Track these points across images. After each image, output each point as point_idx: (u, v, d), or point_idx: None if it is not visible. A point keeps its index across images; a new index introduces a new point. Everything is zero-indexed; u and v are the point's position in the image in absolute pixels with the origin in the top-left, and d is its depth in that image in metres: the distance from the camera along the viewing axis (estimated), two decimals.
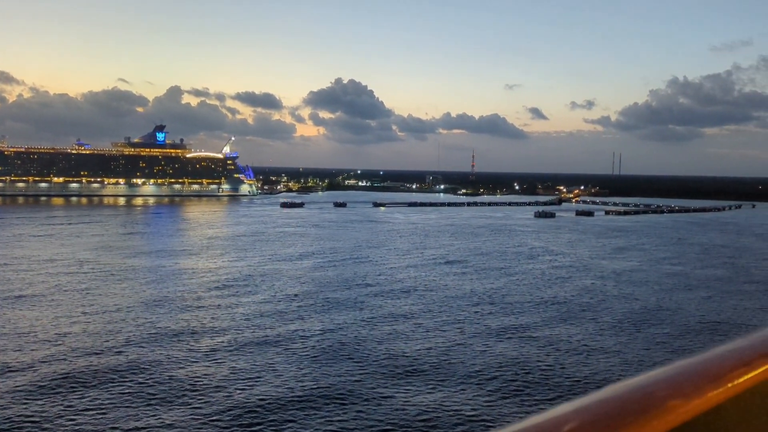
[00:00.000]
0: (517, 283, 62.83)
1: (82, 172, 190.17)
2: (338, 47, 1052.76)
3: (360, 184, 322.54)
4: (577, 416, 1.22)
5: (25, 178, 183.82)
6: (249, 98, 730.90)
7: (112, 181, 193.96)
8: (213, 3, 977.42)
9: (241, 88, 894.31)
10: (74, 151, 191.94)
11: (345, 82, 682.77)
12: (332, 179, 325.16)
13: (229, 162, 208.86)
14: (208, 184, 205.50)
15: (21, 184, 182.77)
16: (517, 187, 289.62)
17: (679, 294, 58.74)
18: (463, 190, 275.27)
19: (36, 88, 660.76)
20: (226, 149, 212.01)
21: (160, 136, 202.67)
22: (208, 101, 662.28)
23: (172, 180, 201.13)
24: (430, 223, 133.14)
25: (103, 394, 30.45)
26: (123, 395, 30.35)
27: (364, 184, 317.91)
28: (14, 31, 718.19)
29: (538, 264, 76.46)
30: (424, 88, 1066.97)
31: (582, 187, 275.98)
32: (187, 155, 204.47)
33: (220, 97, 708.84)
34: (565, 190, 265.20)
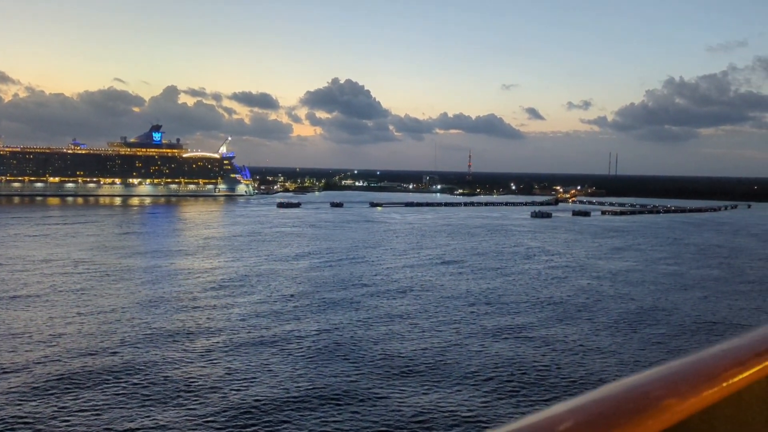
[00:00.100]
0: (513, 283, 62.82)
1: (78, 172, 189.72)
2: (335, 47, 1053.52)
3: (357, 184, 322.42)
4: (573, 416, 1.23)
5: (20, 178, 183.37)
6: (246, 98, 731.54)
7: (108, 181, 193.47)
8: (210, 3, 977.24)
9: (237, 88, 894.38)
10: (70, 151, 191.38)
11: (342, 82, 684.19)
12: (329, 179, 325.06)
13: (225, 162, 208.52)
14: (205, 184, 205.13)
15: (16, 184, 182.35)
16: (513, 187, 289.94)
17: (675, 294, 58.82)
18: (460, 190, 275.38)
19: (32, 88, 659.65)
20: (223, 149, 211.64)
21: (157, 136, 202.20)
22: (204, 101, 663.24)
23: (169, 180, 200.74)
24: (427, 223, 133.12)
25: (98, 395, 30.32)
26: (118, 396, 30.23)
27: (361, 184, 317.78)
28: (10, 31, 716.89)
29: (534, 264, 76.48)
30: (421, 88, 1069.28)
31: (578, 188, 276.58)
32: (184, 155, 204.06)
33: (217, 97, 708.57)
34: (561, 191, 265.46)
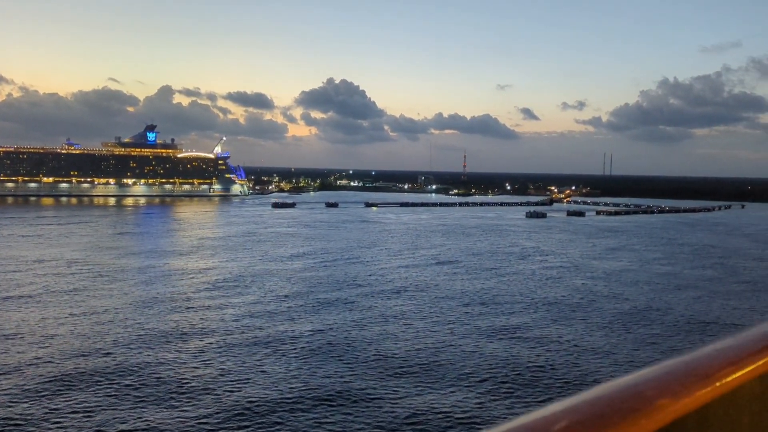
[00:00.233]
0: (508, 284, 62.84)
1: (72, 172, 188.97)
2: (330, 47, 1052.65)
3: (352, 184, 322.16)
4: (567, 416, 1.23)
5: (14, 178, 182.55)
6: (240, 98, 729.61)
7: (103, 181, 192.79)
8: (204, 3, 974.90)
9: (232, 88, 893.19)
10: (64, 151, 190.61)
11: (337, 82, 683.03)
12: (324, 179, 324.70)
13: (220, 162, 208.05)
14: (199, 184, 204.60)
15: (10, 184, 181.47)
16: (508, 188, 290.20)
17: (669, 294, 58.95)
18: (455, 191, 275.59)
19: (26, 88, 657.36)
20: (218, 149, 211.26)
21: (151, 136, 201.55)
22: (199, 101, 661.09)
23: (163, 180, 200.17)
24: (422, 223, 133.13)
25: (90, 396, 30.14)
26: (110, 397, 30.06)
27: (356, 185, 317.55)
28: (4, 30, 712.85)
29: (529, 264, 76.55)
30: (416, 88, 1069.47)
31: (573, 188, 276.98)
32: (178, 155, 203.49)
33: (212, 97, 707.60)
34: (556, 191, 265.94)
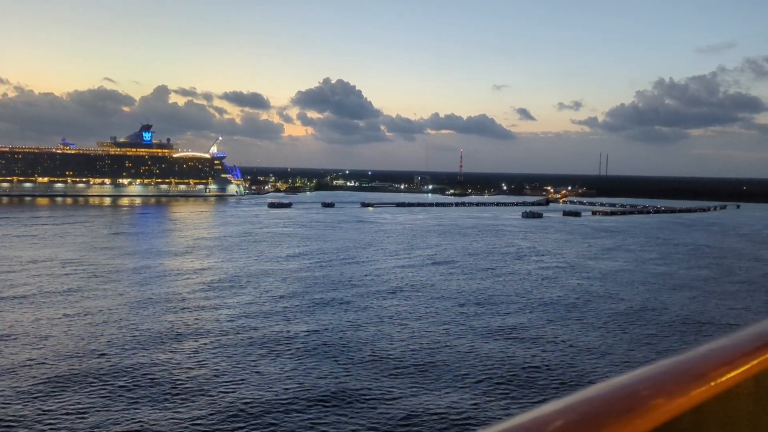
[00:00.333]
0: (504, 284, 62.83)
1: (68, 172, 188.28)
2: (327, 47, 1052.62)
3: (348, 184, 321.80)
4: (562, 415, 1.23)
5: (9, 178, 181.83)
6: (236, 98, 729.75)
7: (98, 181, 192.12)
8: (200, 3, 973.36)
9: (228, 88, 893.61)
10: (59, 151, 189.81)
11: (333, 82, 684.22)
12: (320, 179, 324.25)
13: (216, 162, 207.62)
14: (195, 184, 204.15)
15: (5, 184, 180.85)
16: (504, 188, 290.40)
17: (665, 294, 59.03)
18: (451, 191, 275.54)
19: (21, 87, 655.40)
20: (214, 149, 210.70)
21: (147, 136, 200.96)
22: (195, 101, 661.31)
23: (159, 180, 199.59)
24: (418, 223, 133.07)
25: (84, 397, 29.98)
26: (103, 398, 29.90)
27: (352, 185, 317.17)
28: None
29: (525, 264, 76.57)
30: (413, 88, 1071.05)
31: (569, 188, 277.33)
32: (174, 155, 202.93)
33: (208, 97, 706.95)
34: (552, 191, 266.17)
